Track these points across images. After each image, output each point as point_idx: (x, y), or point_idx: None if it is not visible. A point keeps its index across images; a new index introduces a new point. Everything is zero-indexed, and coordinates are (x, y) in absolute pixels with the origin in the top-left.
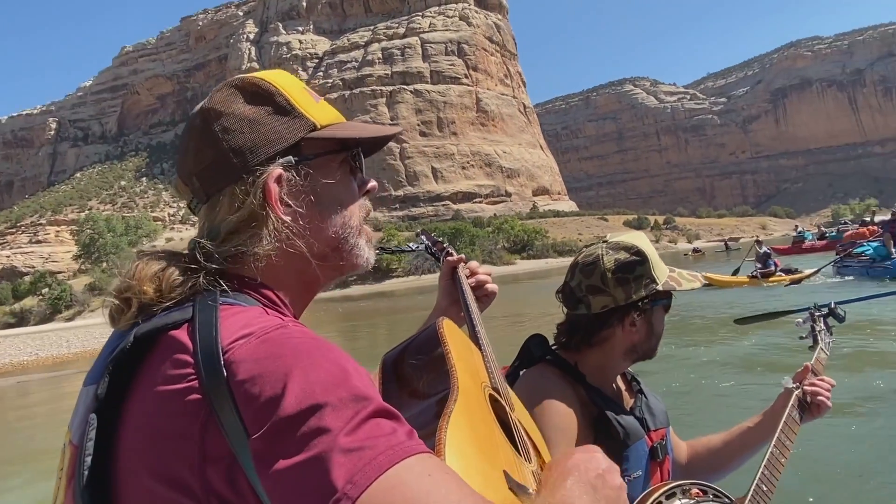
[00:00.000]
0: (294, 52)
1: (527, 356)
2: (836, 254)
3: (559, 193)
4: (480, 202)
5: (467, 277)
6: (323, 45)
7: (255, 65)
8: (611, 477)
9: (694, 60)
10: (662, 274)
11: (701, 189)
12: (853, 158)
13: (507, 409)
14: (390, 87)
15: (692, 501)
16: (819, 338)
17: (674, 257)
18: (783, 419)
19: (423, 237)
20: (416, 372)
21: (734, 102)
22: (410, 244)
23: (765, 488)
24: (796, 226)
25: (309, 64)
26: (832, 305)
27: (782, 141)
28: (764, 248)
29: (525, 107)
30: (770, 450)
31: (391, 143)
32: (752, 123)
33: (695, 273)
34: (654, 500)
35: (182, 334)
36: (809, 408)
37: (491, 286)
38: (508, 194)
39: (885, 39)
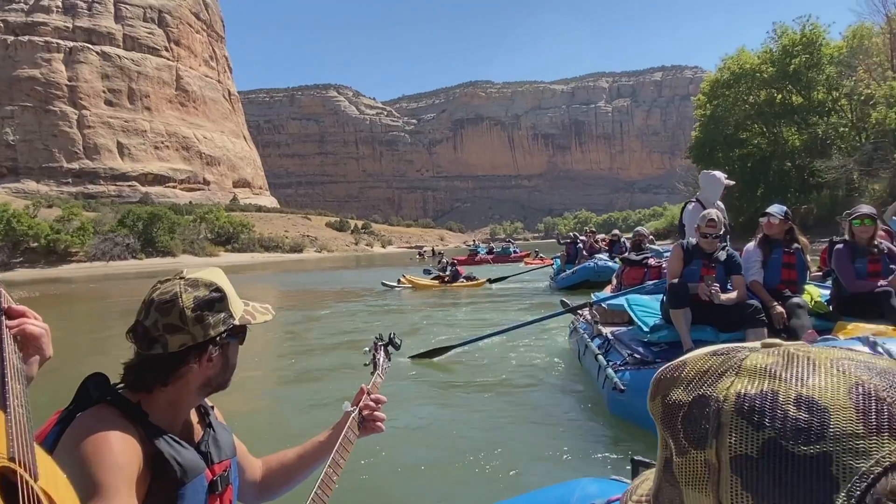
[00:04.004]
0: None
1: (84, 397)
2: (560, 264)
3: (261, 188)
4: (174, 187)
5: (10, 319)
6: None
7: None
8: None
9: (392, 80)
10: (238, 309)
11: (391, 199)
12: (508, 188)
13: (28, 480)
14: (71, 44)
15: None
16: (378, 363)
17: (406, 256)
18: (339, 440)
19: None
20: None
21: (423, 125)
22: None
23: None
24: (474, 240)
25: None
26: (392, 336)
27: (458, 165)
28: (448, 259)
29: (230, 93)
30: (325, 469)
31: (66, 107)
32: (436, 146)
33: (266, 306)
34: None
35: None
36: (366, 424)
37: (31, 328)
38: (207, 182)
39: (536, 94)
